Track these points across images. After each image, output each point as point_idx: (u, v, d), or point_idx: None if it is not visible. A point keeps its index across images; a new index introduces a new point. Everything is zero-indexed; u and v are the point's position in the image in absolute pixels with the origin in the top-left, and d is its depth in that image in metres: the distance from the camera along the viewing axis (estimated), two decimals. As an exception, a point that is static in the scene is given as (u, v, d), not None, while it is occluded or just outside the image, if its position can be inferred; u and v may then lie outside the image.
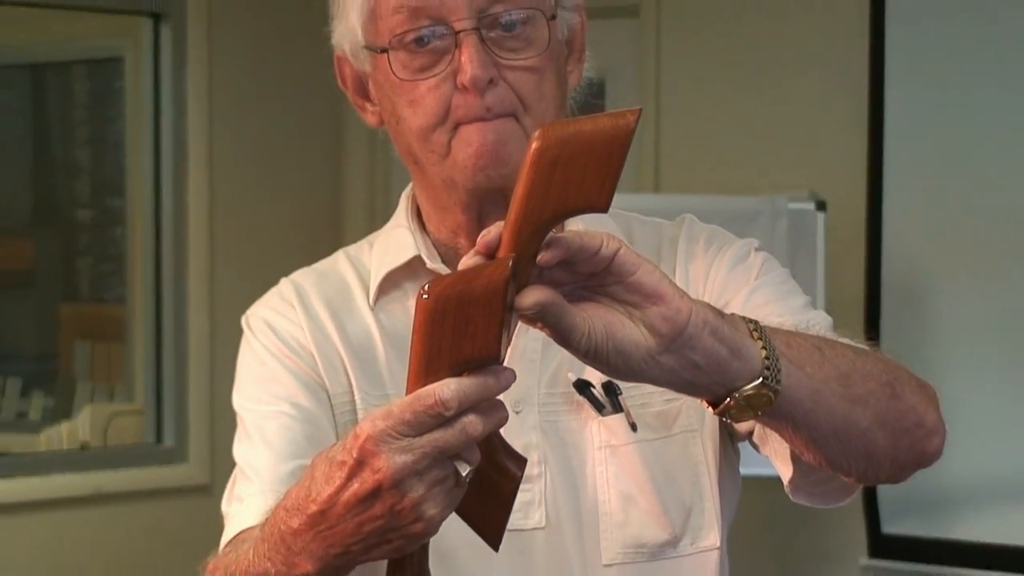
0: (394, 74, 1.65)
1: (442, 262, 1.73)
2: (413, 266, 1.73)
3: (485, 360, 1.28)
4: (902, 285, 4.87)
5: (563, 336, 1.31)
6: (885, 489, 4.41)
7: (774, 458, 1.62)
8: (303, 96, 5.65)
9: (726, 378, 1.38)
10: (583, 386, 1.69)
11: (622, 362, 1.33)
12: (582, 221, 1.60)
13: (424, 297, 1.27)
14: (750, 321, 1.41)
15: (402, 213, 1.77)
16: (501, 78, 1.64)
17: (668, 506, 1.69)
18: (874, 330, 4.77)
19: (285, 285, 1.77)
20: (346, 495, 1.33)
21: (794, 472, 1.60)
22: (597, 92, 5.42)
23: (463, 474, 1.31)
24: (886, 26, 4.82)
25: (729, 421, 1.44)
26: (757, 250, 1.75)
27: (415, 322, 1.28)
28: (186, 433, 5.53)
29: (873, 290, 4.88)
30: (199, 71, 5.55)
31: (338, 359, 1.71)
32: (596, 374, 1.65)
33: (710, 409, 1.42)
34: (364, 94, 1.74)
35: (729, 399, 1.39)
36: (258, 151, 5.69)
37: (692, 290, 1.71)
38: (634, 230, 1.77)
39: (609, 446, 1.69)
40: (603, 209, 1.29)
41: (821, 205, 4.76)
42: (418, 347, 1.28)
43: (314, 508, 1.36)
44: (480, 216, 1.68)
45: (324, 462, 1.36)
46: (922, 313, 4.84)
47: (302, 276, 1.78)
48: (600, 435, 1.69)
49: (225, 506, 1.68)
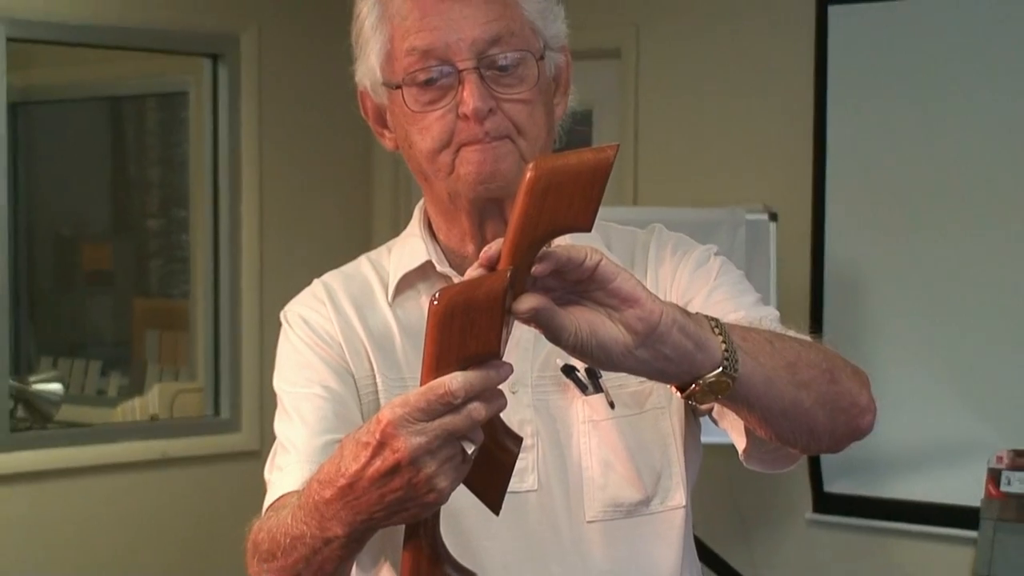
0: (407, 106, 1.65)
1: (449, 266, 1.72)
2: (425, 269, 1.73)
3: (487, 356, 1.29)
4: (841, 284, 4.86)
5: (554, 334, 1.32)
6: (827, 455, 4.41)
7: (730, 431, 1.61)
8: (338, 124, 5.64)
9: (692, 368, 1.38)
10: (569, 370, 1.68)
11: (604, 356, 1.33)
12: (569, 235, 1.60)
13: (435, 303, 1.27)
14: (711, 319, 1.41)
15: (415, 224, 1.76)
16: (498, 108, 1.63)
17: (641, 471, 1.68)
18: (817, 322, 4.77)
19: (317, 285, 1.76)
20: (370, 471, 1.33)
21: (748, 443, 1.60)
22: (585, 121, 5.44)
23: (469, 452, 1.31)
24: (828, 68, 4.82)
25: (694, 403, 1.43)
26: (716, 255, 1.75)
27: (427, 324, 1.28)
28: (239, 407, 5.54)
29: (817, 288, 4.88)
30: (250, 103, 5.55)
31: (362, 348, 1.70)
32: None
33: (678, 393, 1.42)
34: (382, 123, 1.73)
35: (694, 385, 1.39)
36: (299, 170, 5.69)
37: (660, 288, 1.71)
38: (612, 237, 1.76)
39: (591, 421, 1.68)
40: (587, 229, 1.29)
41: (773, 216, 4.76)
42: (430, 345, 1.28)
43: (343, 482, 1.36)
44: (481, 222, 1.68)
45: (351, 443, 1.36)
46: (858, 307, 4.84)
47: (331, 277, 1.77)
48: (583, 412, 1.69)
49: (267, 474, 1.67)
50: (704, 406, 1.58)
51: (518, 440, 1.38)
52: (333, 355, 1.69)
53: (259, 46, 5.55)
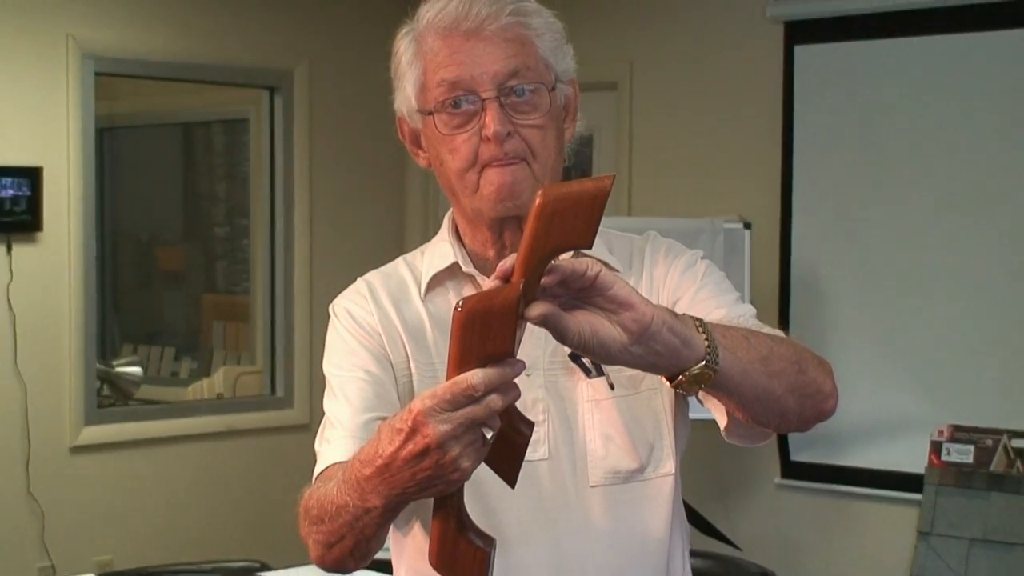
0: (438, 130, 1.64)
1: (473, 267, 1.71)
2: (453, 269, 1.72)
3: (503, 355, 1.28)
4: (805, 284, 4.86)
5: (560, 335, 1.32)
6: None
7: (714, 411, 1.60)
8: (375, 146, 5.65)
9: (679, 361, 1.37)
10: (575, 357, 1.66)
11: (604, 352, 1.33)
12: None
13: (459, 311, 1.27)
14: (696, 319, 1.41)
15: (445, 230, 1.75)
16: (516, 132, 1.62)
17: (636, 443, 1.67)
18: (785, 317, 4.77)
19: (360, 283, 1.75)
20: (403, 453, 1.33)
21: (728, 422, 1.59)
22: (588, 143, 5.43)
23: (488, 437, 1.32)
24: (794, 99, 4.83)
25: (681, 391, 1.43)
26: (702, 258, 1.74)
27: (452, 327, 1.28)
28: (292, 387, 5.54)
29: (784, 287, 4.88)
30: (302, 129, 5.56)
31: (398, 337, 1.69)
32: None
33: (667, 383, 1.41)
34: (417, 144, 1.72)
35: (681, 376, 1.39)
36: (343, 185, 5.69)
37: (654, 287, 1.70)
38: (613, 243, 1.75)
39: (594, 400, 1.67)
40: (588, 246, 1.29)
41: (747, 226, 4.75)
42: (454, 346, 1.28)
43: (380, 462, 1.36)
44: (500, 231, 1.67)
45: (388, 429, 1.36)
46: (820, 305, 4.83)
47: (372, 276, 1.76)
48: (587, 392, 1.67)
49: (317, 445, 1.66)
50: (689, 393, 1.58)
51: (530, 425, 1.38)
52: (374, 344, 1.68)
53: (309, 80, 5.56)
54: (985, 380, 4.50)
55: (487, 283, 1.32)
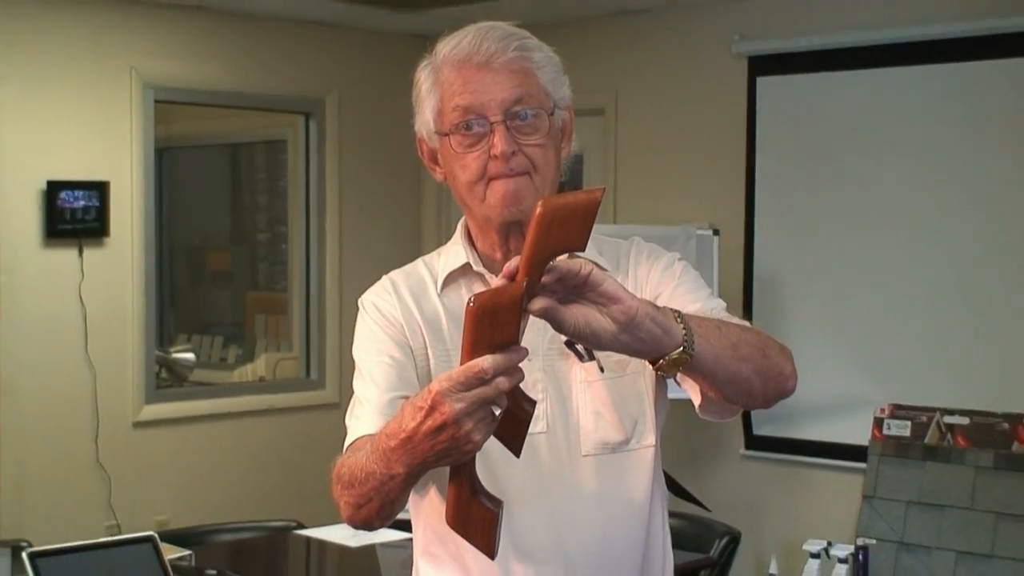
0: (452, 149, 1.63)
1: (483, 267, 1.70)
2: (465, 269, 1.70)
3: (509, 344, 1.28)
4: (766, 284, 4.86)
5: (558, 326, 1.32)
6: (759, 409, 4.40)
7: (689, 391, 1.59)
8: (397, 164, 5.65)
9: (660, 348, 1.37)
10: (570, 344, 1.66)
11: (596, 340, 1.33)
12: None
13: (471, 305, 1.27)
14: (675, 311, 1.40)
15: (458, 235, 1.74)
16: (520, 151, 1.61)
17: (623, 419, 1.66)
18: (749, 312, 4.77)
19: (385, 280, 1.74)
20: (423, 428, 1.32)
21: (702, 400, 1.58)
22: (580, 161, 5.43)
23: (496, 413, 1.31)
24: (756, 123, 4.83)
25: (662, 374, 1.42)
26: (679, 260, 1.73)
27: (465, 320, 1.28)
28: (324, 371, 5.54)
29: (748, 286, 4.88)
30: (332, 149, 5.56)
31: (418, 327, 1.68)
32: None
33: (650, 367, 1.41)
34: (435, 161, 1.71)
35: (662, 360, 1.38)
36: (368, 198, 5.69)
37: (638, 285, 1.69)
38: (603, 246, 1.74)
39: (586, 381, 1.66)
40: (582, 249, 1.29)
41: (716, 232, 4.75)
42: (467, 336, 1.28)
43: (403, 435, 1.35)
44: (506, 236, 1.66)
45: (409, 407, 1.35)
46: (779, 300, 4.83)
47: (395, 274, 1.75)
48: (580, 374, 1.66)
49: (348, 420, 1.65)
50: (668, 375, 1.57)
51: (533, 403, 1.38)
52: (396, 333, 1.67)
53: (339, 107, 5.56)
54: (921, 365, 4.50)
55: (495, 281, 1.31)
